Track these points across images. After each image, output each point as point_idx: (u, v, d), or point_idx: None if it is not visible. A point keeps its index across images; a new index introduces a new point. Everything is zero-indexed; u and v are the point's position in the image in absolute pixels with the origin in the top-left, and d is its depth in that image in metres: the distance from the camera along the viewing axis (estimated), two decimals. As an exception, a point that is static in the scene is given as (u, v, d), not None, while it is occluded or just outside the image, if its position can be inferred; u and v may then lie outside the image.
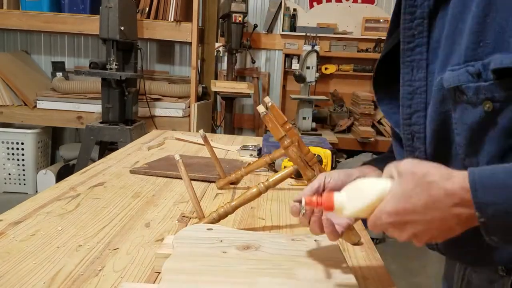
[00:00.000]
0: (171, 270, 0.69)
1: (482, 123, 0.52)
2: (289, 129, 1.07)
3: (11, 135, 3.46)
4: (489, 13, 0.50)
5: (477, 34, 0.51)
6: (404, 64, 0.61)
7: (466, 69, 0.52)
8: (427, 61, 0.59)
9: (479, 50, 0.51)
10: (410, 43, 0.60)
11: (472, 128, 0.53)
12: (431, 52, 0.59)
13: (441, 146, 0.59)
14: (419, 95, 0.60)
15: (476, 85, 0.51)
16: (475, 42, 0.51)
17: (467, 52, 0.52)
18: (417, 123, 0.61)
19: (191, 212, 1.05)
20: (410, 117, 0.61)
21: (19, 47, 3.92)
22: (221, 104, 3.79)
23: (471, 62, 0.51)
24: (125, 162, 1.50)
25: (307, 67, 3.10)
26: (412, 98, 0.61)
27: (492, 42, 0.50)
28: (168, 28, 3.28)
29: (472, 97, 0.51)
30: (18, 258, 0.78)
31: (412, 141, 0.62)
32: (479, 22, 0.51)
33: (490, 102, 0.50)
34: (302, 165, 0.92)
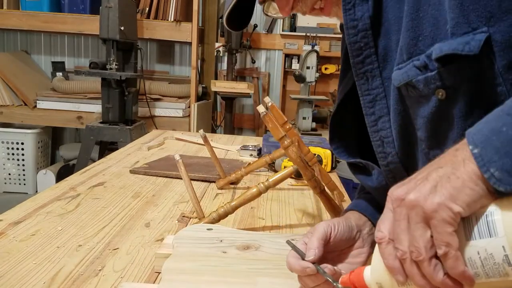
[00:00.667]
0: (171, 270, 0.69)
1: (439, 112, 0.53)
2: (289, 129, 1.07)
3: (11, 135, 3.46)
4: (420, 7, 0.52)
5: (414, 30, 0.52)
6: (358, 76, 0.62)
7: (413, 63, 0.53)
8: (380, 68, 0.61)
9: (419, 44, 0.52)
10: (359, 56, 0.61)
11: (430, 119, 0.54)
12: (381, 59, 0.60)
13: (407, 145, 0.61)
14: (380, 101, 0.62)
15: (424, 76, 0.52)
16: (414, 37, 0.53)
17: (408, 48, 0.53)
18: (383, 128, 0.62)
19: (191, 212, 1.05)
20: (376, 123, 0.63)
21: (19, 47, 3.92)
22: (221, 104, 3.79)
23: (415, 57, 0.53)
24: (125, 162, 1.50)
25: (307, 67, 3.10)
26: (374, 105, 0.62)
27: (430, 33, 0.51)
28: (168, 28, 3.28)
29: (424, 89, 0.52)
30: (18, 258, 0.78)
31: (383, 147, 0.63)
32: (413, 18, 0.52)
33: (442, 90, 0.51)
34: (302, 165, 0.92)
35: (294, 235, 0.86)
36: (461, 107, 0.50)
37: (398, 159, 0.62)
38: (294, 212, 1.11)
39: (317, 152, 1.42)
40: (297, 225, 1.02)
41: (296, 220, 1.06)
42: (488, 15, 0.46)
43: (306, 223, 1.04)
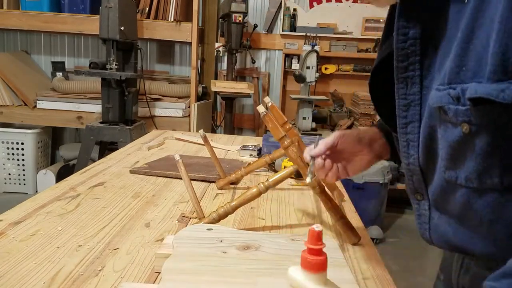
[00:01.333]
0: (171, 270, 0.69)
1: (461, 142, 0.56)
2: (289, 129, 1.07)
3: (11, 135, 3.46)
4: (471, 40, 0.53)
5: (460, 59, 0.54)
6: (399, 80, 0.64)
7: (448, 91, 0.55)
8: (421, 77, 0.62)
9: (461, 74, 0.54)
10: (403, 61, 0.63)
11: (452, 145, 0.57)
12: (424, 69, 0.62)
13: (429, 156, 0.64)
14: (414, 107, 0.64)
15: (455, 107, 0.54)
16: (458, 66, 0.54)
17: (451, 74, 0.55)
18: (412, 132, 0.65)
19: (191, 212, 1.05)
20: (406, 126, 0.66)
21: (19, 47, 3.92)
22: (221, 104, 3.79)
23: (453, 84, 0.55)
24: (125, 162, 1.50)
25: (307, 67, 3.10)
26: (408, 109, 0.65)
27: (472, 68, 0.53)
28: (168, 28, 3.29)
29: (452, 118, 0.55)
30: (18, 258, 0.78)
31: (407, 147, 0.67)
32: (462, 48, 0.54)
33: (467, 125, 0.54)
34: (302, 165, 0.92)
35: (294, 235, 0.86)
36: (483, 145, 0.54)
37: (418, 162, 0.66)
38: (294, 212, 1.11)
39: (317, 152, 1.41)
40: (297, 225, 1.02)
41: (296, 220, 1.06)
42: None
43: (306, 223, 1.04)
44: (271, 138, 1.63)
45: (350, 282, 0.70)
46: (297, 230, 1.00)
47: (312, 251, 0.62)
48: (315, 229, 0.61)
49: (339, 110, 3.63)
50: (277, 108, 1.10)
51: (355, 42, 3.72)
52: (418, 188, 0.69)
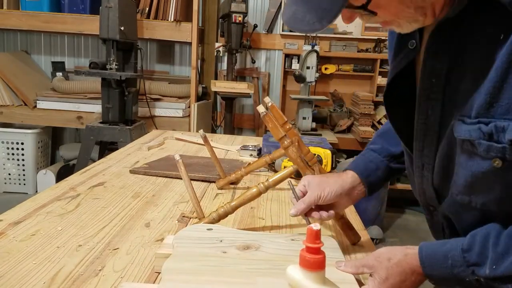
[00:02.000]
0: (171, 270, 0.69)
1: (488, 174, 0.58)
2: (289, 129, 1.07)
3: (11, 135, 3.46)
4: (507, 78, 0.54)
5: (492, 96, 0.55)
6: (420, 106, 0.66)
7: (479, 126, 0.56)
8: (442, 106, 0.64)
9: (492, 110, 0.55)
10: (426, 89, 0.65)
11: (476, 175, 0.59)
12: (446, 97, 0.63)
13: (443, 179, 0.67)
14: (431, 133, 0.66)
15: (488, 143, 0.56)
16: (489, 102, 0.55)
17: (480, 109, 0.56)
18: (427, 155, 0.68)
19: (191, 212, 1.05)
20: (423, 149, 0.68)
21: (19, 47, 3.92)
22: (221, 104, 3.79)
23: (482, 119, 0.56)
24: (125, 162, 1.50)
25: (307, 67, 3.10)
26: (425, 134, 0.67)
27: (506, 105, 0.54)
28: (168, 28, 3.28)
29: (482, 152, 0.56)
30: (18, 258, 0.78)
31: (422, 169, 0.70)
32: (496, 86, 0.55)
33: (500, 160, 0.55)
34: (302, 165, 0.92)
35: (294, 235, 0.87)
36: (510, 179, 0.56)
37: (431, 182, 0.69)
38: (294, 212, 1.10)
39: (317, 152, 1.42)
40: (297, 225, 1.02)
41: (296, 220, 1.06)
42: None
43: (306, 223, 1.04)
44: (271, 138, 1.63)
45: (350, 282, 0.70)
46: (297, 230, 1.00)
47: (310, 249, 0.62)
48: (313, 227, 0.62)
49: (339, 110, 3.63)
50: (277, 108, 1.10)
51: (355, 42, 3.72)
52: (430, 202, 0.72)
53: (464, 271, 0.60)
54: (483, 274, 0.58)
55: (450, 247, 0.62)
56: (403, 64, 0.71)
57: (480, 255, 0.59)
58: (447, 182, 0.66)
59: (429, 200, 0.72)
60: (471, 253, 0.59)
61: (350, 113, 3.62)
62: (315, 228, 0.62)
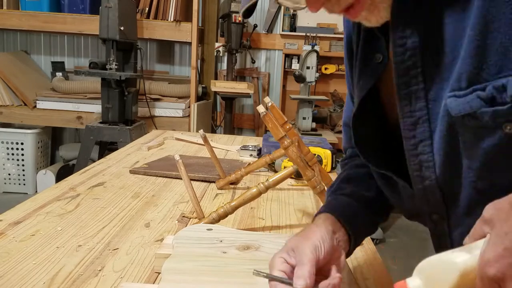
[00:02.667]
0: (171, 270, 0.69)
1: (502, 146, 0.50)
2: (289, 129, 1.07)
3: (11, 135, 3.46)
4: (488, 33, 0.49)
5: (478, 58, 0.49)
6: (402, 97, 0.59)
7: (476, 94, 0.50)
8: (425, 90, 0.57)
9: (482, 73, 0.49)
10: (405, 76, 0.57)
11: (489, 151, 0.52)
12: (428, 80, 0.57)
13: (451, 172, 0.58)
14: (422, 124, 0.58)
15: (492, 109, 0.49)
16: (477, 65, 0.50)
17: (469, 77, 0.50)
18: (424, 152, 0.59)
19: (191, 212, 1.05)
20: (416, 147, 0.60)
21: (19, 47, 3.92)
22: (221, 104, 3.79)
23: (477, 86, 0.50)
24: (125, 162, 1.50)
25: (307, 67, 3.10)
26: (415, 128, 0.59)
27: (496, 63, 0.48)
28: (168, 28, 3.28)
29: (489, 121, 0.50)
30: (18, 258, 0.77)
31: (421, 171, 0.60)
32: (479, 45, 0.49)
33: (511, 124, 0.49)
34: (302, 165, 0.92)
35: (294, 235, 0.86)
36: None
37: (436, 183, 0.60)
38: (294, 212, 1.11)
39: (317, 152, 1.42)
40: (297, 225, 1.02)
41: (296, 220, 1.06)
42: None
43: (306, 223, 1.04)
44: (271, 138, 1.63)
45: (350, 282, 0.69)
46: (297, 230, 0.99)
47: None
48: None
49: (339, 110, 3.63)
50: (277, 108, 1.10)
51: (355, 42, 3.72)
52: (435, 209, 0.63)
53: None
54: None
55: None
56: (373, 80, 0.64)
57: None
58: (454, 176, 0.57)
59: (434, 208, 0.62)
60: None
61: (350, 113, 3.61)
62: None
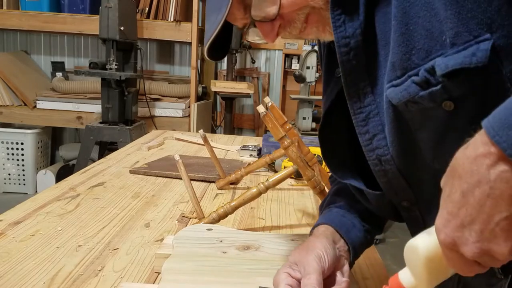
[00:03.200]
0: (171, 270, 0.69)
1: (446, 123, 0.51)
2: (289, 129, 1.07)
3: (11, 135, 3.46)
4: (409, 20, 0.50)
5: (405, 44, 0.51)
6: (350, 95, 0.60)
7: (411, 80, 0.51)
8: (371, 85, 0.59)
9: (413, 58, 0.50)
10: (351, 74, 0.59)
11: (435, 130, 0.53)
12: (372, 75, 0.59)
13: (408, 159, 0.59)
14: (373, 118, 0.60)
15: (428, 92, 0.50)
16: (406, 52, 0.51)
17: (402, 64, 0.51)
18: (379, 146, 0.60)
19: (191, 212, 1.05)
20: (371, 142, 0.61)
21: (19, 47, 3.92)
22: (221, 104, 3.79)
23: (410, 71, 0.51)
24: (125, 162, 1.50)
25: (307, 67, 3.10)
26: (367, 123, 0.60)
27: (423, 46, 0.50)
28: (168, 28, 3.28)
29: (429, 103, 0.51)
30: (18, 258, 0.77)
31: (381, 165, 0.61)
32: (403, 32, 0.51)
33: (450, 102, 0.49)
34: (302, 165, 0.92)
35: (294, 235, 0.86)
36: (470, 115, 0.49)
37: (399, 174, 0.60)
38: (294, 212, 1.11)
39: (317, 152, 1.41)
40: (297, 225, 1.02)
41: (296, 220, 1.06)
42: (489, 22, 0.45)
43: (306, 223, 1.04)
44: (271, 138, 1.63)
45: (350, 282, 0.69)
46: (297, 230, 1.00)
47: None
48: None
49: (339, 110, 3.62)
50: (277, 108, 1.10)
51: (355, 42, 3.72)
52: (404, 196, 0.63)
53: None
54: None
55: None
56: (334, 94, 0.66)
57: None
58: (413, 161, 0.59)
59: (403, 196, 0.63)
60: None
61: (350, 113, 3.62)
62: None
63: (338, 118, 0.68)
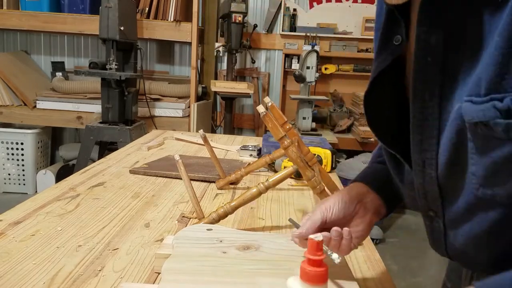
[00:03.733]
0: (171, 270, 0.69)
1: (509, 158, 0.50)
2: (289, 129, 1.07)
3: (11, 135, 3.46)
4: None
5: (501, 66, 0.48)
6: (415, 92, 0.58)
7: (493, 103, 0.49)
8: (440, 89, 0.56)
9: (503, 82, 0.48)
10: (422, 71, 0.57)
11: (496, 162, 0.51)
12: (446, 79, 0.56)
13: (453, 174, 0.57)
14: (431, 121, 0.58)
15: (505, 122, 0.48)
16: (499, 74, 0.48)
17: (489, 84, 0.49)
18: (428, 149, 0.59)
19: (191, 212, 1.05)
20: (421, 143, 0.59)
21: (19, 47, 3.92)
22: (221, 104, 3.79)
23: (495, 95, 0.49)
24: (125, 162, 1.50)
25: (307, 67, 3.10)
26: (424, 125, 0.58)
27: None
28: (168, 28, 3.29)
29: (501, 133, 0.49)
30: (18, 258, 0.77)
31: (423, 167, 0.60)
32: (503, 54, 0.48)
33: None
34: (302, 165, 0.92)
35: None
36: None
37: (436, 181, 0.60)
38: (294, 212, 1.11)
39: (317, 152, 1.42)
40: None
41: (296, 220, 1.05)
42: None
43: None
44: (271, 138, 1.63)
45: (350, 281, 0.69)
46: (297, 230, 0.99)
47: (311, 262, 0.58)
48: (314, 239, 0.57)
49: (339, 110, 3.63)
50: (277, 108, 1.10)
51: (355, 42, 3.72)
52: (432, 206, 0.63)
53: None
54: None
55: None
56: (387, 61, 0.64)
57: None
58: (456, 178, 0.57)
59: (431, 204, 0.63)
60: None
61: (350, 113, 3.62)
62: (316, 239, 0.57)
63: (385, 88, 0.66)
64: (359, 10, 3.77)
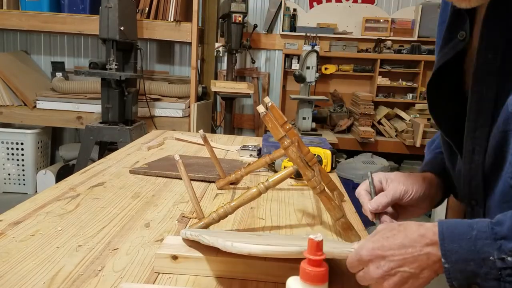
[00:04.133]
0: None
1: None
2: (289, 129, 1.07)
3: (11, 135, 3.46)
4: None
5: None
6: (475, 84, 0.63)
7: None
8: (497, 83, 0.61)
9: None
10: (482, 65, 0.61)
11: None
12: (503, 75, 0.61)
13: (496, 163, 0.62)
14: (486, 112, 0.62)
15: None
16: None
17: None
18: (479, 137, 0.64)
19: (191, 212, 1.05)
20: (475, 131, 0.64)
21: (19, 47, 3.92)
22: (221, 104, 3.79)
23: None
24: (125, 162, 1.50)
25: (307, 67, 3.10)
26: (479, 114, 0.63)
27: None
28: (168, 28, 3.28)
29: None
30: (18, 258, 0.77)
31: (473, 153, 0.66)
32: None
33: None
34: (302, 165, 0.92)
35: (294, 235, 0.86)
36: None
37: (482, 168, 0.65)
38: (294, 212, 1.11)
39: (317, 152, 1.42)
40: (297, 225, 1.02)
41: (296, 220, 1.05)
42: None
43: (306, 223, 1.04)
44: (271, 138, 1.63)
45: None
46: (297, 230, 1.00)
47: (311, 262, 0.57)
48: (314, 239, 0.57)
49: (339, 110, 3.63)
50: (277, 108, 1.10)
51: (355, 42, 3.72)
52: (474, 194, 0.68)
53: (490, 245, 0.53)
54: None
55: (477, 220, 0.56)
56: (450, 55, 0.69)
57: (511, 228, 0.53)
58: (497, 167, 0.62)
59: (474, 192, 0.67)
60: (502, 226, 0.53)
61: (350, 113, 3.62)
62: (317, 239, 0.57)
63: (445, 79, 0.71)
64: (359, 10, 3.77)
